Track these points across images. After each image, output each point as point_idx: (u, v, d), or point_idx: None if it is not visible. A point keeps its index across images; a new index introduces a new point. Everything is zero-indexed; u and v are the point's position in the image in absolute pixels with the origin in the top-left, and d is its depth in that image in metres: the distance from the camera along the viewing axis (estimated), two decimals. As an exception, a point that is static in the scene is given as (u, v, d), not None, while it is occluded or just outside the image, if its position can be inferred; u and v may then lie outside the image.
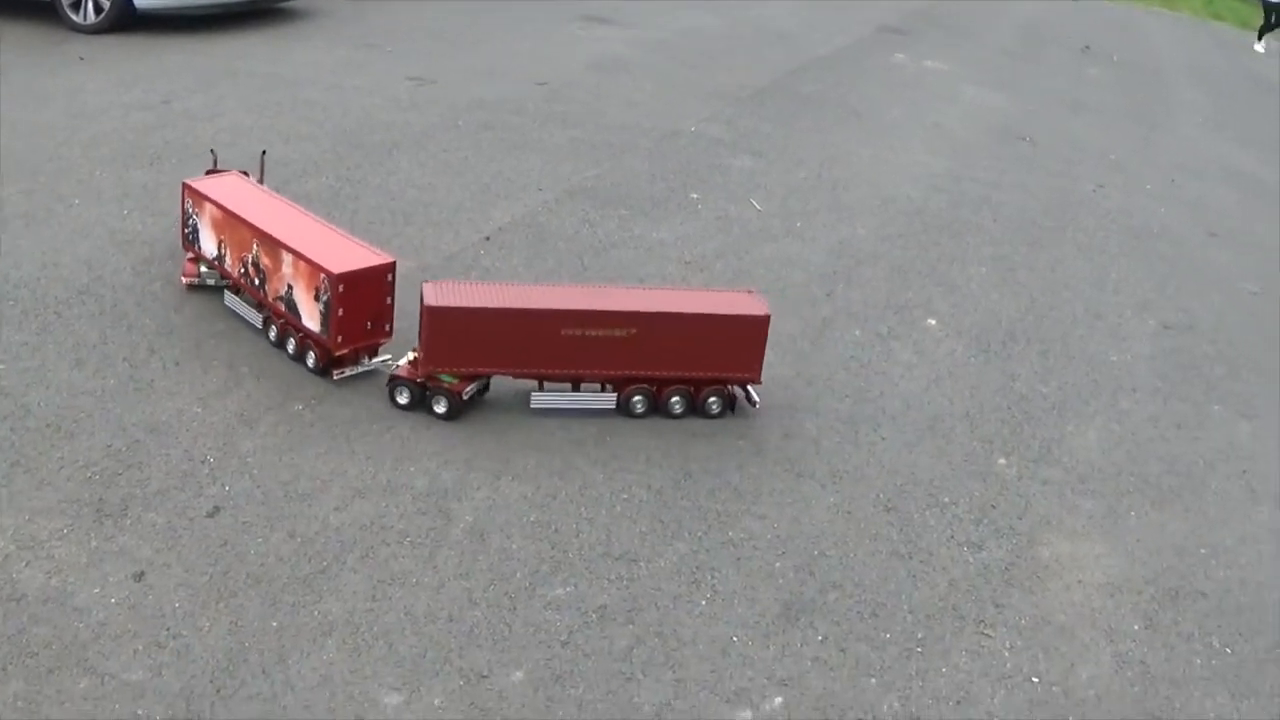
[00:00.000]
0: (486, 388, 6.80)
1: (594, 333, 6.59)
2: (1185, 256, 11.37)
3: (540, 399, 6.73)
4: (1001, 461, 6.97)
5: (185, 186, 7.50)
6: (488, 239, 8.95)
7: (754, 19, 21.56)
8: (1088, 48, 25.84)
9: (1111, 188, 13.52)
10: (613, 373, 6.73)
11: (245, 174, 8.05)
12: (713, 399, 6.85)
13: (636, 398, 6.76)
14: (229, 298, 7.31)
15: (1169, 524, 6.63)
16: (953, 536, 6.14)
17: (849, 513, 6.19)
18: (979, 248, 10.49)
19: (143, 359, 6.66)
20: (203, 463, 5.81)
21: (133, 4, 13.65)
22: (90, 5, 13.65)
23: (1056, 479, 6.88)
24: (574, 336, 6.57)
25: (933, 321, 8.75)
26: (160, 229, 8.35)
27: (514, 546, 5.51)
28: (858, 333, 8.36)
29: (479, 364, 6.62)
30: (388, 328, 6.84)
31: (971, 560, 5.98)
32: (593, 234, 9.37)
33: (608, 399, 6.79)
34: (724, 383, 6.87)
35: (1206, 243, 12.00)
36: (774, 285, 8.89)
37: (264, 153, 8.95)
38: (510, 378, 6.77)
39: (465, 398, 6.56)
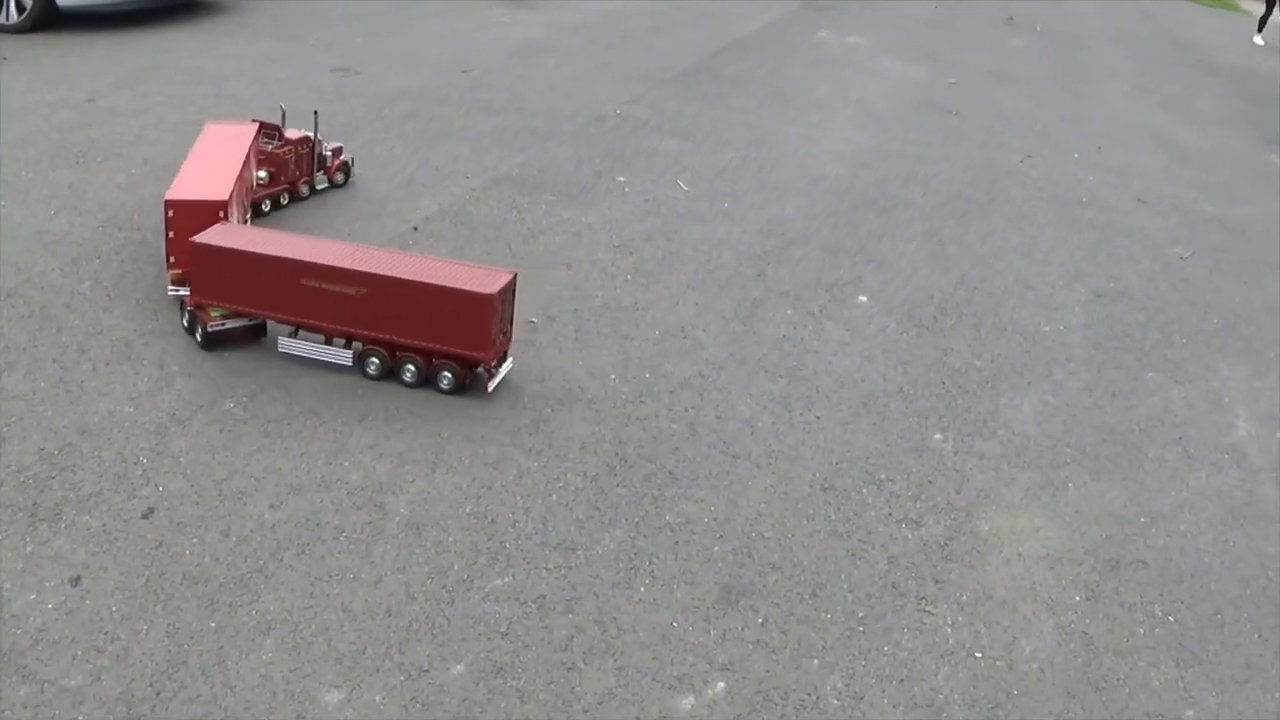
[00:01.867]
0: (262, 332, 7.12)
1: (329, 287, 6.74)
2: (1114, 224, 11.42)
3: (286, 344, 6.94)
4: (937, 437, 6.97)
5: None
6: (415, 229, 8.91)
7: (675, -1, 21.58)
8: (1011, 19, 25.94)
9: (1039, 158, 13.57)
10: (348, 329, 6.83)
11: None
12: (444, 373, 6.75)
13: (371, 359, 6.81)
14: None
15: (1107, 493, 6.65)
16: (891, 514, 6.14)
17: (786, 493, 6.18)
18: (908, 223, 10.50)
19: (73, 360, 6.60)
20: (136, 464, 5.76)
21: (55, 3, 13.55)
22: (12, 4, 13.53)
23: (993, 453, 6.89)
24: (312, 288, 6.75)
25: (864, 299, 8.75)
26: (88, 229, 8.28)
27: (450, 539, 5.48)
28: (789, 312, 8.35)
29: (237, 302, 6.94)
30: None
31: (910, 537, 5.98)
32: (520, 221, 9.33)
33: (346, 355, 6.90)
34: (453, 357, 6.74)
35: (1135, 209, 12.05)
36: (704, 266, 8.89)
37: (316, 112, 9.65)
38: (269, 320, 7.08)
39: (211, 330, 6.92)
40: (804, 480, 6.33)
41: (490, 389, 6.80)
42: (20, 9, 13.55)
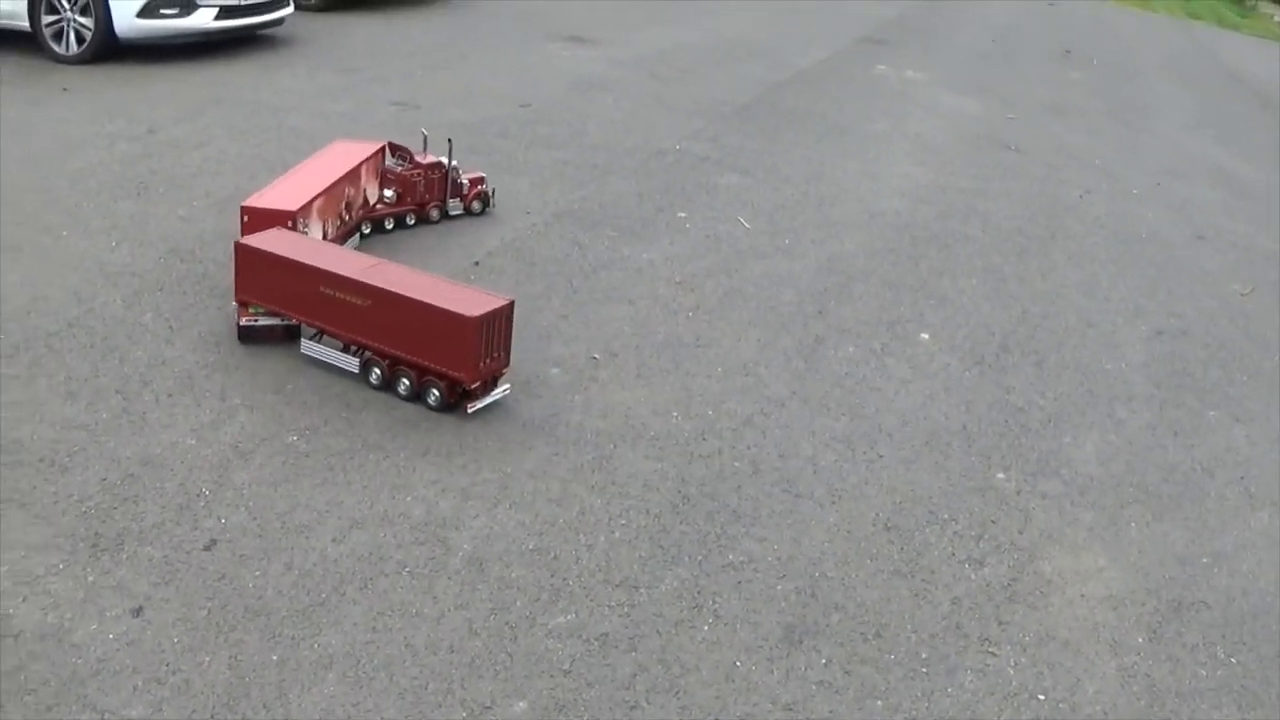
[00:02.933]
0: (296, 333, 7.36)
1: (343, 296, 6.93)
2: (1174, 260, 11.37)
3: (307, 346, 7.24)
4: (1000, 476, 6.94)
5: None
6: (477, 264, 8.92)
7: (732, 34, 21.60)
8: (1068, 52, 25.90)
9: (1098, 193, 13.53)
10: (357, 338, 7.01)
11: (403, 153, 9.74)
12: (433, 390, 6.83)
13: (373, 369, 6.96)
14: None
15: (1170, 533, 6.61)
16: (954, 554, 6.11)
17: (849, 533, 6.16)
18: (969, 259, 10.48)
19: (135, 391, 6.62)
20: (198, 496, 5.77)
21: (115, 34, 13.62)
22: (73, 35, 13.61)
23: (1056, 492, 6.85)
24: (330, 296, 6.97)
25: (926, 336, 8.72)
26: (150, 261, 8.30)
27: (513, 575, 5.47)
28: (851, 349, 8.33)
29: (270, 303, 7.28)
30: None
31: (973, 577, 5.95)
32: (582, 257, 9.34)
33: (353, 363, 7.07)
34: (440, 375, 6.81)
35: (1194, 245, 12.01)
36: (765, 303, 8.88)
37: (450, 140, 9.94)
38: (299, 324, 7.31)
39: (243, 324, 7.40)
40: (867, 519, 6.30)
41: (470, 411, 6.84)
42: (80, 40, 13.62)
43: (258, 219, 7.79)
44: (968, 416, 7.60)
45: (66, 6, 13.57)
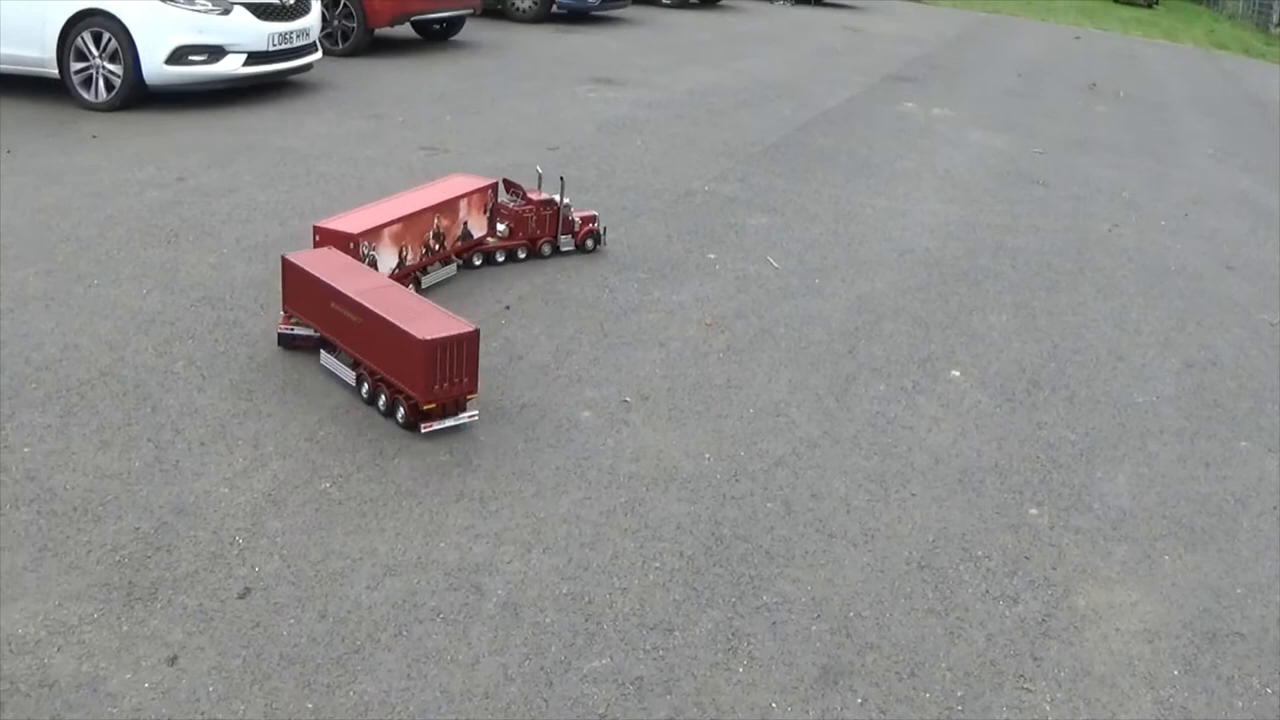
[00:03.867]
0: (330, 345, 7.72)
1: (344, 312, 7.35)
2: (1203, 292, 11.34)
3: (325, 359, 7.70)
4: (1033, 512, 6.91)
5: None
6: (508, 308, 8.94)
7: (758, 74, 21.65)
8: (1094, 85, 25.90)
9: (1126, 226, 13.51)
10: (353, 352, 7.39)
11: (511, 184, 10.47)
12: (399, 408, 7.07)
13: (363, 383, 7.28)
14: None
15: (1203, 565, 6.57)
16: (988, 591, 6.09)
17: (882, 572, 6.14)
18: (998, 295, 10.46)
19: (168, 440, 6.64)
20: (231, 544, 5.78)
21: (143, 80, 13.71)
22: (101, 82, 13.73)
23: (1088, 526, 6.83)
24: (336, 311, 7.40)
25: (957, 373, 8.71)
26: (181, 308, 8.34)
27: (548, 620, 5.46)
28: (882, 388, 8.32)
29: (304, 315, 7.84)
30: None
31: (1008, 614, 5.93)
32: (612, 299, 9.35)
33: (351, 375, 7.46)
34: (403, 393, 7.06)
35: (1224, 276, 11.98)
36: (796, 343, 8.88)
37: (562, 178, 10.71)
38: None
39: (281, 331, 8.00)
40: (900, 558, 6.28)
41: (424, 431, 7.01)
42: (109, 87, 13.73)
43: (326, 238, 8.46)
44: (999, 453, 7.58)
45: (95, 53, 13.70)
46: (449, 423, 7.12)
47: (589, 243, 10.53)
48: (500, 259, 10.01)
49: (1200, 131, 21.91)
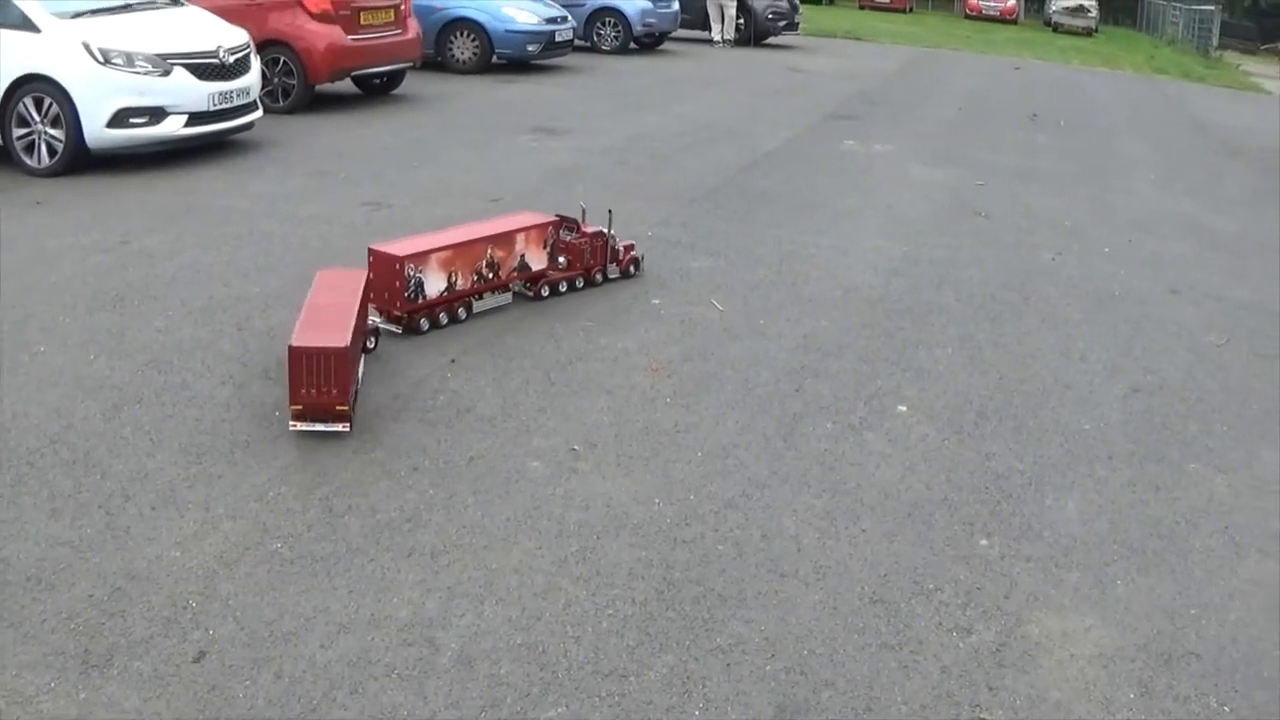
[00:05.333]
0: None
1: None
2: (1149, 316, 11.43)
3: None
4: (983, 542, 6.96)
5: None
6: (453, 361, 8.96)
7: (699, 117, 21.70)
8: (1035, 115, 26.04)
9: (1070, 254, 13.60)
10: None
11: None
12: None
13: None
14: None
15: (1156, 588, 6.62)
16: (941, 623, 6.13)
17: (835, 608, 6.17)
18: (943, 329, 10.53)
19: (118, 506, 6.64)
20: (185, 608, 5.78)
21: (85, 144, 13.71)
22: (44, 148, 13.71)
23: (1040, 555, 6.88)
24: None
25: (904, 408, 8.76)
26: (128, 373, 8.35)
27: (503, 672, 5.48)
28: (830, 426, 8.36)
29: None
30: None
31: (962, 645, 5.97)
32: (558, 348, 9.38)
33: None
34: None
35: (1168, 300, 12.07)
36: (742, 385, 8.93)
37: (610, 211, 11.38)
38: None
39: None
40: (853, 594, 6.32)
41: (290, 428, 7.65)
42: (51, 152, 13.72)
43: (377, 259, 9.46)
44: (948, 486, 7.62)
45: (37, 119, 13.68)
46: (318, 427, 7.64)
47: (631, 269, 11.46)
48: (563, 289, 10.78)
49: (1142, 157, 22.07)
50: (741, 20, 38.46)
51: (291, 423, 7.68)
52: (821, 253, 12.79)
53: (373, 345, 9.12)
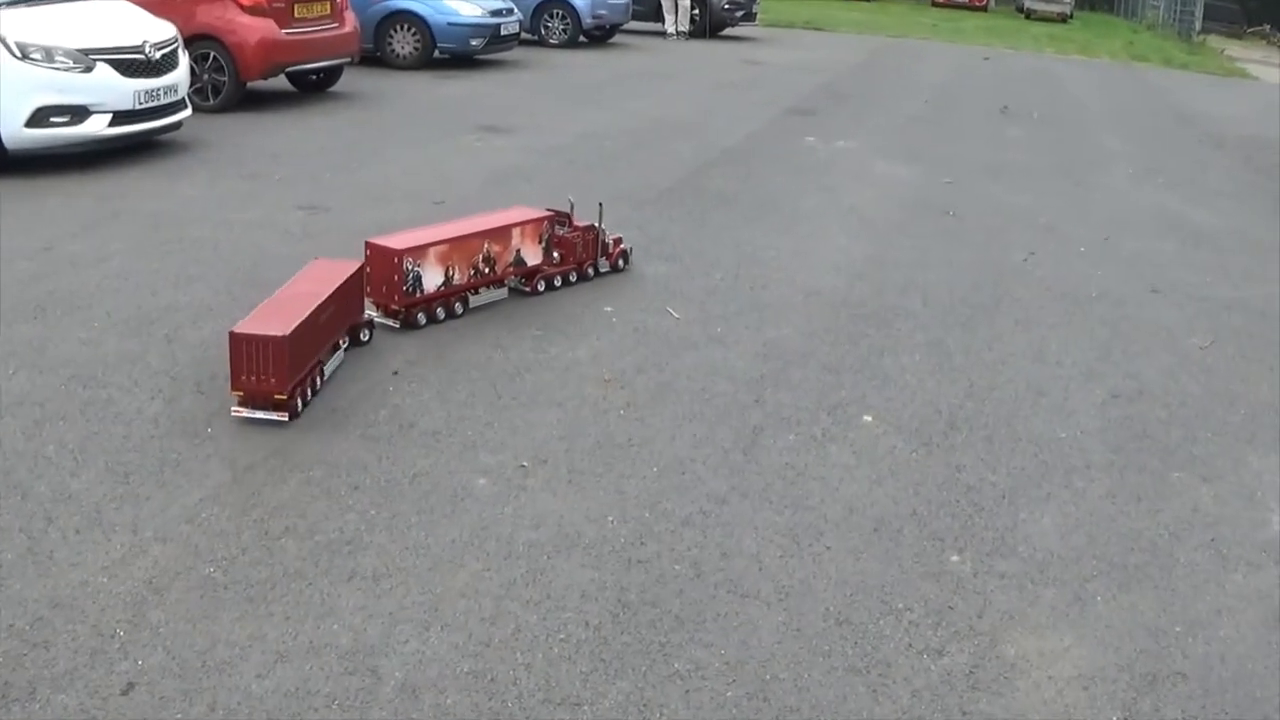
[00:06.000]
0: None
1: None
2: (1128, 318, 11.48)
3: None
4: (954, 559, 6.97)
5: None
6: (395, 373, 8.95)
7: (653, 114, 21.74)
8: (1006, 107, 26.11)
9: (1043, 254, 13.64)
10: None
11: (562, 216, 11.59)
12: None
13: None
14: None
15: (1138, 604, 6.63)
16: (910, 644, 6.14)
17: (799, 630, 6.17)
18: (910, 334, 10.55)
19: (40, 529, 6.60)
20: (112, 637, 5.75)
21: (3, 145, 13.64)
22: (-40, 151, 13.64)
23: (1014, 571, 6.89)
24: None
25: (869, 418, 8.77)
26: (50, 388, 8.30)
27: (449, 701, 5.47)
28: (791, 438, 8.37)
29: None
30: None
31: (933, 668, 5.97)
32: (506, 359, 9.38)
33: None
34: None
35: (1149, 301, 12.11)
36: (699, 396, 8.93)
37: (600, 204, 11.91)
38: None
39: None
40: (817, 615, 6.32)
41: (232, 414, 8.03)
42: (-32, 156, 13.66)
43: (375, 253, 9.88)
44: (917, 499, 7.64)
45: (-49, 120, 13.61)
46: (258, 414, 8.03)
47: (620, 262, 11.96)
48: (558, 283, 11.28)
49: (1120, 150, 22.16)
50: (696, 11, 38.61)
51: (234, 409, 8.05)
52: (782, 255, 12.81)
53: (367, 338, 9.58)
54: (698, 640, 6.04)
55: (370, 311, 9.81)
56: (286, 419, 8.00)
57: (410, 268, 9.79)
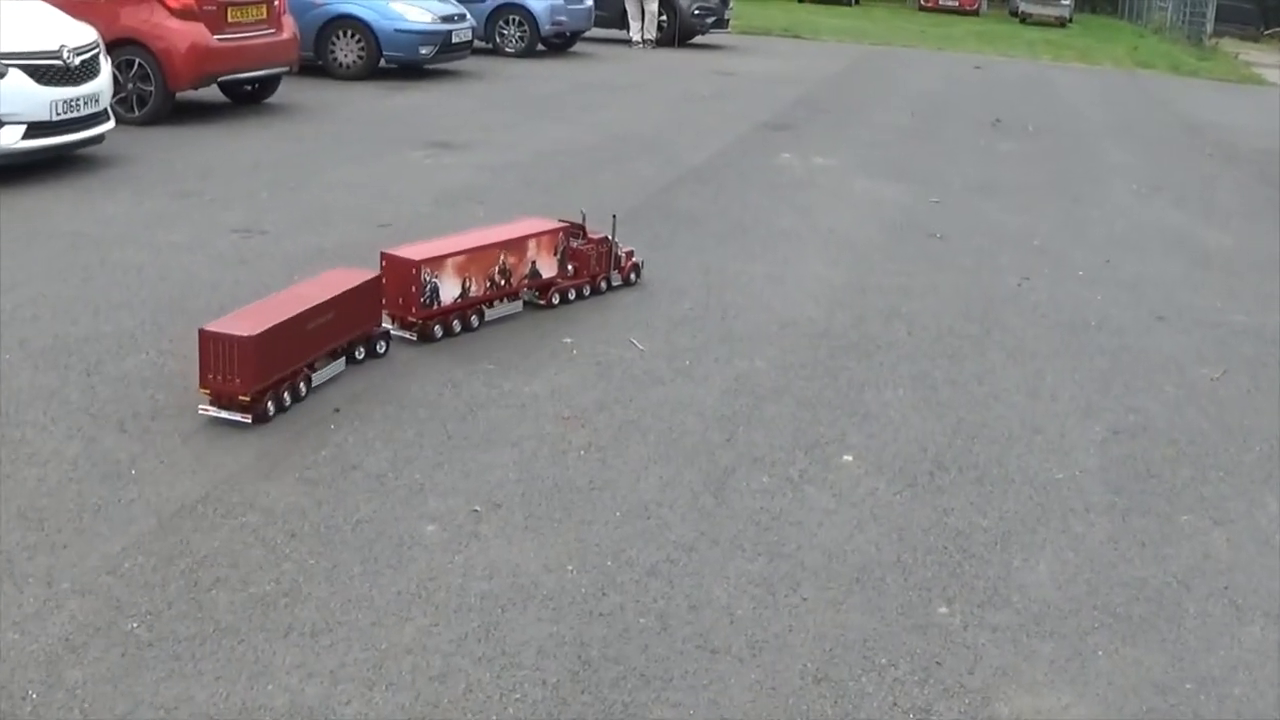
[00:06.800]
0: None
1: None
2: (1130, 348, 11.50)
3: None
4: (943, 610, 6.97)
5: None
6: (337, 411, 8.93)
7: (617, 129, 21.76)
8: (998, 120, 26.18)
9: (1038, 279, 13.67)
10: None
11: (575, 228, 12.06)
12: None
13: None
14: None
15: (1144, 659, 6.62)
16: (895, 703, 6.13)
17: (774, 689, 6.16)
18: (894, 367, 10.57)
19: (-55, 582, 6.59)
20: (24, 699, 5.71)
21: (-95, 160, 13.61)
22: None
23: (1008, 623, 6.88)
24: None
25: (849, 458, 8.78)
26: (-44, 426, 8.28)
27: (393, 769, 5.46)
28: (765, 480, 8.37)
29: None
30: None
31: (919, 729, 5.98)
32: (457, 395, 9.37)
33: None
34: None
35: (1153, 328, 12.14)
36: (666, 435, 8.93)
37: (614, 216, 12.53)
38: None
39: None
40: (793, 672, 6.31)
41: (199, 411, 8.56)
42: None
43: (391, 264, 10.31)
44: (901, 546, 7.63)
45: None
46: (224, 414, 8.50)
47: (632, 276, 12.50)
48: (572, 296, 11.78)
49: (1122, 164, 22.23)
50: (664, 17, 38.63)
51: (201, 407, 8.55)
52: (755, 282, 12.83)
53: (383, 351, 10.07)
54: (664, 700, 6.02)
55: (386, 324, 10.21)
56: (250, 421, 8.42)
57: (428, 279, 10.21)
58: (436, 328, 10.38)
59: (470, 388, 9.53)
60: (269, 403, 8.60)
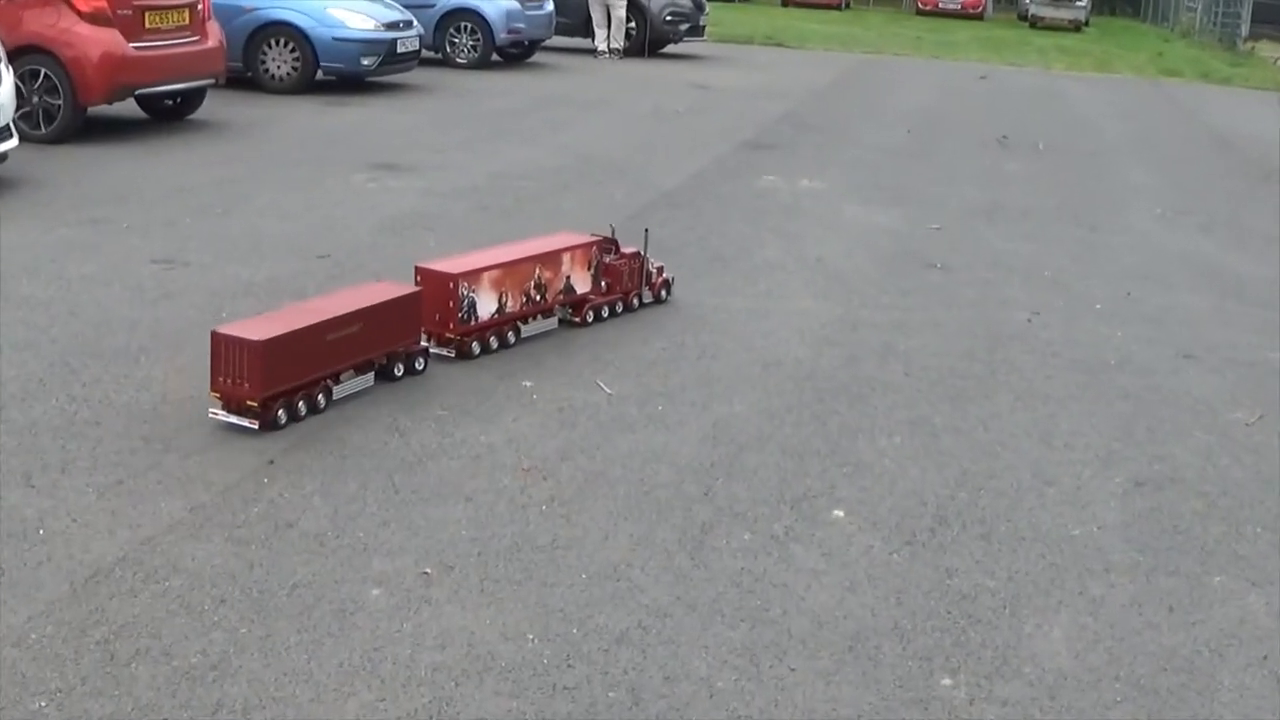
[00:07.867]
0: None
1: None
2: (1155, 389, 11.53)
3: None
4: (946, 682, 6.97)
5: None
6: (271, 462, 8.91)
7: (582, 148, 21.78)
8: (1005, 137, 26.20)
9: (1050, 313, 13.70)
10: None
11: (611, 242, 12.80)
12: None
13: None
14: None
15: (1173, 738, 6.64)
16: (893, 788, 6.15)
17: (758, 772, 6.18)
18: (889, 412, 10.59)
19: None
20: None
21: None
22: None
23: (1019, 697, 6.88)
24: None
25: (840, 513, 8.79)
26: None
27: None
28: (747, 537, 8.38)
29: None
30: None
31: (921, 816, 5.99)
32: (404, 444, 9.37)
33: None
34: None
35: (1181, 368, 12.17)
36: (637, 488, 8.93)
37: (646, 230, 13.31)
38: None
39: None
40: (780, 753, 6.33)
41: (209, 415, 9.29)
42: None
43: (427, 278, 10.96)
44: (899, 611, 7.64)
45: None
46: (233, 419, 9.21)
47: (663, 293, 13.24)
48: (605, 314, 12.45)
49: (1145, 185, 22.26)
50: (633, 24, 38.52)
51: (211, 411, 9.29)
52: (735, 318, 12.87)
53: (421, 367, 10.67)
54: (637, 786, 6.03)
55: (424, 340, 10.79)
56: (257, 427, 9.15)
57: (465, 293, 10.82)
58: (474, 344, 10.96)
59: (419, 435, 9.53)
60: (280, 410, 9.20)
